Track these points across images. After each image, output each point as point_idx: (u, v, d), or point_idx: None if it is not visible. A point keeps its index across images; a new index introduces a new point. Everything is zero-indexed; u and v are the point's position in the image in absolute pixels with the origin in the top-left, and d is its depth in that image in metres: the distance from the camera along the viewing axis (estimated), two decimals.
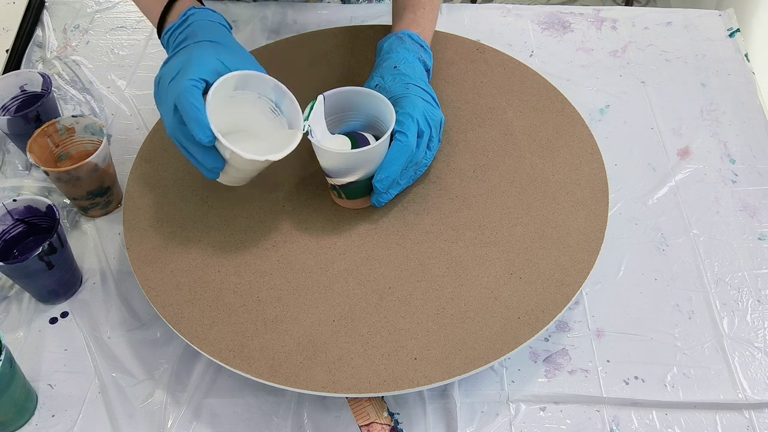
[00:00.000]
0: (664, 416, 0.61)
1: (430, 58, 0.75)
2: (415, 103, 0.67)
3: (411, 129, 0.65)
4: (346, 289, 0.64)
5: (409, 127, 0.65)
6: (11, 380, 0.58)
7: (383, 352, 0.59)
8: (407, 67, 0.70)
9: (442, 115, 0.71)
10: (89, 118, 0.73)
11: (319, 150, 0.64)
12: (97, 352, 0.66)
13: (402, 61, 0.71)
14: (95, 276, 0.71)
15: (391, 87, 0.69)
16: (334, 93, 0.66)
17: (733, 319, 0.67)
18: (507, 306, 0.62)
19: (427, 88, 0.70)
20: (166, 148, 0.75)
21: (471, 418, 0.61)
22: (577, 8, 0.97)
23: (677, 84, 0.88)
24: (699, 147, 0.81)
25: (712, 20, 0.95)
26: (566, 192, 0.70)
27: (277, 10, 0.96)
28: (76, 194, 0.72)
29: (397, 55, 0.72)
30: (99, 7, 0.99)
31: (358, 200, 0.69)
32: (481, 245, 0.66)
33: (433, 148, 0.70)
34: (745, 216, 0.75)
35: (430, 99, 0.69)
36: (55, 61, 0.92)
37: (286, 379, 0.58)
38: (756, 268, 0.71)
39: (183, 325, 0.62)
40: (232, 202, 0.71)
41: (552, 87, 0.80)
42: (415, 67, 0.71)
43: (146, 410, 0.62)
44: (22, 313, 0.69)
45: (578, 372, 0.64)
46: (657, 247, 0.72)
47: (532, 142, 0.74)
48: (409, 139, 0.65)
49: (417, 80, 0.69)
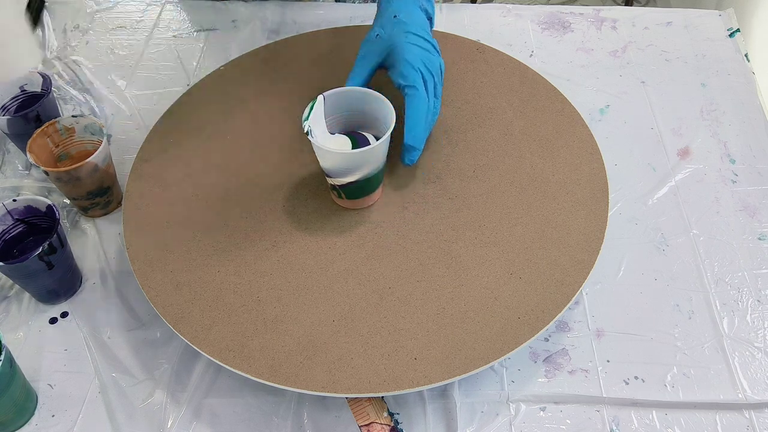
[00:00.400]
0: (664, 416, 0.61)
1: (432, 5, 0.74)
2: (412, 51, 0.67)
3: (417, 80, 0.66)
4: (346, 289, 0.64)
5: (415, 79, 0.66)
6: (11, 380, 0.58)
7: (383, 352, 0.59)
8: (407, 16, 0.70)
9: (441, 60, 0.71)
10: (89, 118, 0.73)
11: (319, 150, 0.64)
12: (97, 352, 0.66)
13: (402, 10, 0.71)
14: (95, 276, 0.71)
15: (390, 36, 0.69)
16: (334, 93, 0.66)
17: (733, 319, 0.67)
18: (507, 306, 0.62)
19: (426, 36, 0.70)
20: (166, 148, 0.76)
21: (471, 418, 0.61)
22: (577, 8, 0.97)
23: (677, 84, 0.88)
24: (699, 147, 0.81)
25: (712, 20, 0.95)
26: (566, 192, 0.70)
27: (276, 10, 0.96)
28: (76, 194, 0.72)
29: (398, 4, 0.71)
30: (99, 7, 0.99)
31: (358, 200, 0.69)
32: (481, 245, 0.66)
33: (439, 95, 0.70)
34: (745, 216, 0.75)
35: (429, 47, 0.70)
36: (55, 61, 0.92)
37: (286, 379, 0.58)
38: (756, 268, 0.71)
39: (183, 326, 0.62)
40: (232, 202, 0.71)
41: (552, 87, 0.80)
42: (415, 16, 0.71)
43: (146, 410, 0.62)
44: (22, 313, 0.69)
45: (578, 372, 0.64)
46: (657, 247, 0.72)
47: (532, 142, 0.74)
48: (420, 91, 0.66)
49: (416, 29, 0.70)
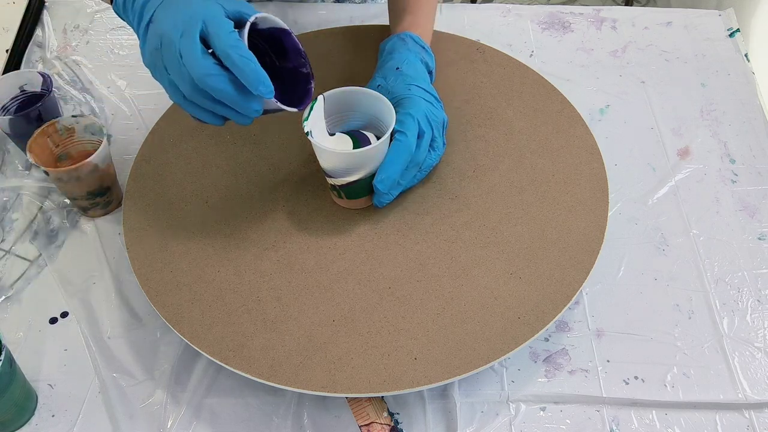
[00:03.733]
0: (664, 416, 0.61)
1: (432, 59, 0.75)
2: (416, 103, 0.67)
3: (411, 129, 0.65)
4: (346, 289, 0.64)
5: (409, 126, 0.65)
6: (11, 380, 0.58)
7: (383, 352, 0.59)
8: (409, 68, 0.70)
9: (445, 116, 0.70)
10: (89, 118, 0.73)
11: (319, 150, 0.64)
12: (97, 352, 0.66)
13: (404, 62, 0.71)
14: (95, 276, 0.71)
15: (393, 88, 0.69)
16: (334, 93, 0.66)
17: (733, 319, 0.67)
18: (507, 306, 0.62)
19: (429, 89, 0.70)
20: (166, 148, 0.76)
21: (471, 418, 0.61)
22: (577, 8, 0.97)
23: (677, 84, 0.88)
24: (699, 147, 0.81)
25: (712, 20, 0.95)
26: (566, 192, 0.70)
27: (276, 10, 0.96)
28: (76, 194, 0.72)
29: (400, 56, 0.71)
30: (99, 7, 0.99)
31: (359, 200, 0.69)
32: (481, 245, 0.66)
33: (438, 149, 0.69)
34: (745, 216, 0.75)
35: (432, 99, 0.69)
36: (55, 61, 0.92)
37: (286, 379, 0.58)
38: (756, 268, 0.71)
39: (183, 325, 0.62)
40: (232, 202, 0.71)
41: (552, 87, 0.80)
42: (418, 68, 0.71)
43: (146, 410, 0.62)
44: (22, 313, 0.69)
45: (578, 372, 0.64)
46: (657, 247, 0.72)
47: (532, 142, 0.74)
48: (409, 139, 0.64)
49: (419, 81, 0.69)
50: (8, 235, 0.75)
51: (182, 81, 0.55)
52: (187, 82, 0.55)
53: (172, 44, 0.55)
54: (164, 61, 0.56)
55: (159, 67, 0.57)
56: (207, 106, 0.57)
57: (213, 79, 0.54)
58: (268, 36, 0.60)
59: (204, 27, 0.54)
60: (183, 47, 0.54)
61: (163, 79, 0.57)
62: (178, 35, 0.55)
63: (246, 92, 0.56)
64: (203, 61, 0.54)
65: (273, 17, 0.58)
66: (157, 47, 0.56)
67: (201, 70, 0.54)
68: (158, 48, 0.56)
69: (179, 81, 0.56)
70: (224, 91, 0.55)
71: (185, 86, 0.55)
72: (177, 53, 0.54)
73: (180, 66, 0.55)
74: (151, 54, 0.57)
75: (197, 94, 0.56)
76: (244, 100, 0.56)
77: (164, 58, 0.56)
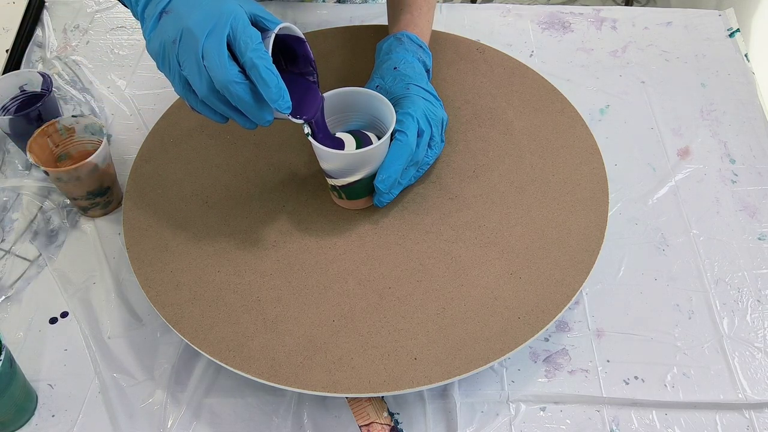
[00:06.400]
0: (664, 416, 0.61)
1: (430, 58, 0.75)
2: (415, 102, 0.67)
3: (411, 128, 0.65)
4: (346, 289, 0.64)
5: (409, 126, 0.65)
6: (11, 380, 0.58)
7: (383, 352, 0.59)
8: (407, 68, 0.70)
9: (445, 114, 0.71)
10: (89, 118, 0.73)
11: (319, 150, 0.64)
12: (97, 352, 0.66)
13: (402, 62, 0.71)
14: (95, 276, 0.71)
15: (391, 87, 0.69)
16: (334, 93, 0.66)
17: (733, 319, 0.67)
18: (507, 306, 0.62)
19: (427, 87, 0.70)
20: (166, 148, 0.76)
21: (471, 418, 0.61)
22: (577, 8, 0.97)
23: (677, 84, 0.88)
24: (699, 147, 0.81)
25: (712, 20, 0.95)
26: (566, 192, 0.70)
27: (278, 10, 0.96)
28: (76, 194, 0.72)
29: (397, 55, 0.72)
30: (99, 7, 0.99)
31: (359, 201, 0.69)
32: (481, 245, 0.66)
33: (436, 147, 0.69)
34: (745, 216, 0.75)
35: (431, 98, 0.69)
36: (55, 61, 0.92)
37: (286, 379, 0.58)
38: (756, 268, 0.71)
39: (183, 325, 0.62)
40: (232, 202, 0.71)
41: (552, 87, 0.80)
42: (415, 67, 0.71)
43: (146, 410, 0.62)
44: (22, 313, 0.69)
45: (578, 372, 0.64)
46: (657, 247, 0.72)
47: (532, 142, 0.74)
48: (409, 139, 0.65)
49: (417, 80, 0.69)
50: (8, 235, 0.75)
51: (199, 80, 0.54)
52: (204, 82, 0.54)
53: (196, 42, 0.53)
54: (180, 56, 0.54)
55: (170, 60, 0.55)
56: (220, 109, 0.56)
57: (236, 87, 0.54)
58: (279, 39, 0.60)
59: (231, 31, 0.54)
60: (208, 49, 0.53)
61: (172, 72, 0.56)
62: (203, 34, 0.53)
63: (262, 102, 0.55)
64: (230, 67, 0.53)
65: (293, 26, 0.58)
66: (173, 40, 0.54)
67: (227, 76, 0.53)
68: (175, 41, 0.54)
69: (195, 80, 0.54)
70: (243, 100, 0.54)
71: (201, 86, 0.54)
72: (199, 52, 0.53)
73: (200, 65, 0.54)
74: (163, 45, 0.55)
75: (213, 96, 0.55)
76: (259, 110, 0.56)
77: (180, 52, 0.54)
